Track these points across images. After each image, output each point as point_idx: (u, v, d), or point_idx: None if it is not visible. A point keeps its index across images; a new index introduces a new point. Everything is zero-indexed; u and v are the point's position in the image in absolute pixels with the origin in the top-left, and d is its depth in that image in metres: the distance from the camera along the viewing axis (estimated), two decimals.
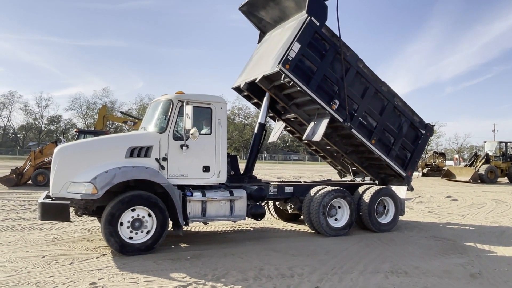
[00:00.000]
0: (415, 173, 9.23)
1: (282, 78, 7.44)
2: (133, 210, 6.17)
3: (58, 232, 7.72)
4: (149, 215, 6.26)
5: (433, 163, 34.47)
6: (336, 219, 8.08)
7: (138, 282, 4.96)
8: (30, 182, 16.83)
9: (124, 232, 6.11)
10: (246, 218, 7.28)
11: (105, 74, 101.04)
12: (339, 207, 8.12)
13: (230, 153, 7.76)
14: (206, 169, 6.91)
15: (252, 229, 8.67)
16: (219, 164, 7.00)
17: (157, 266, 5.64)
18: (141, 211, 6.22)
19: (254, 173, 8.30)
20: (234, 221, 7.55)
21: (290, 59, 7.24)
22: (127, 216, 6.13)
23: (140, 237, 6.21)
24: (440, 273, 5.62)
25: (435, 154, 36.98)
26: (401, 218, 9.17)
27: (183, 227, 6.61)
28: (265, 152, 73.87)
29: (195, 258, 6.07)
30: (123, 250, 6.06)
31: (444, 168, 31.99)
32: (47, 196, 6.39)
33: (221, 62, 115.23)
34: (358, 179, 9.93)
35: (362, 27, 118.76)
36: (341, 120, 7.83)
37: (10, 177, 16.45)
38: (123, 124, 28.41)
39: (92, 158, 6.27)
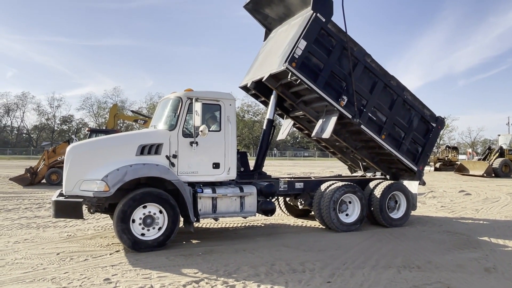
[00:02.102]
0: (426, 168, 9.12)
1: (289, 77, 7.38)
2: (145, 207, 6.24)
3: (72, 230, 7.85)
4: (160, 211, 6.32)
5: (446, 158, 34.06)
6: (347, 215, 8.04)
7: (151, 277, 5.02)
8: (44, 181, 17.12)
9: (136, 229, 6.18)
10: (257, 214, 7.30)
11: (115, 73, 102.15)
12: (349, 202, 8.09)
13: (240, 150, 7.77)
14: (216, 165, 6.94)
15: (263, 225, 8.69)
16: (228, 160, 7.02)
17: (169, 262, 5.70)
18: (153, 208, 6.29)
19: (264, 169, 8.31)
20: (245, 217, 7.56)
21: (297, 56, 7.17)
22: (138, 213, 6.20)
23: (152, 234, 6.28)
24: (454, 268, 5.56)
25: (447, 148, 36.51)
26: (413, 213, 9.09)
27: (194, 223, 6.65)
28: (275, 148, 73.80)
29: (207, 254, 6.11)
30: (136, 247, 6.13)
31: (457, 162, 31.57)
32: (60, 194, 6.48)
33: (230, 59, 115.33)
34: (369, 174, 9.86)
35: (371, 21, 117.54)
36: (350, 116, 7.76)
37: (24, 176, 16.76)
38: (134, 123, 28.60)
39: (103, 156, 6.34)
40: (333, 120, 7.75)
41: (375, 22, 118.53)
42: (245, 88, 9.07)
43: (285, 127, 10.12)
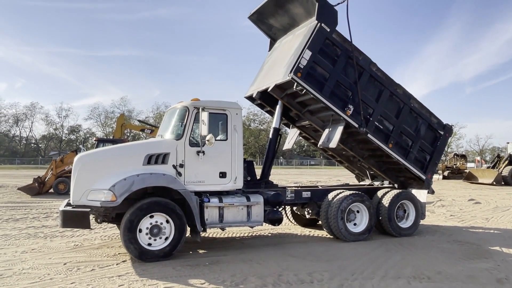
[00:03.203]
0: (434, 176, 9.02)
1: (294, 87, 7.37)
2: (151, 216, 6.22)
3: (79, 239, 7.86)
4: (167, 221, 6.30)
5: (454, 166, 33.73)
6: (355, 224, 7.96)
7: None
8: (51, 190, 17.22)
9: (143, 238, 6.17)
10: (264, 223, 7.25)
11: (122, 83, 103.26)
12: (357, 211, 8.01)
13: (246, 159, 7.75)
14: (223, 175, 6.93)
15: (270, 234, 8.63)
16: (235, 169, 7.01)
17: (176, 272, 5.66)
18: (159, 218, 6.27)
19: (271, 178, 8.27)
20: (252, 227, 7.51)
21: (302, 67, 7.18)
22: (145, 223, 6.19)
23: (159, 244, 6.25)
24: (465, 279, 5.45)
25: (455, 156, 36.16)
26: (422, 222, 8.97)
27: (200, 233, 6.62)
28: (281, 157, 73.71)
29: (214, 264, 6.07)
30: (142, 257, 6.11)
31: (465, 170, 31.24)
32: (68, 204, 6.50)
33: (236, 69, 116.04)
34: (377, 183, 9.78)
35: (376, 30, 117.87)
36: (356, 125, 7.73)
37: (32, 186, 16.87)
38: (141, 132, 28.82)
39: (111, 165, 6.37)
40: (340, 129, 7.73)
41: (381, 30, 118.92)
42: (250, 98, 9.09)
43: (291, 137, 10.10)
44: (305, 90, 7.31)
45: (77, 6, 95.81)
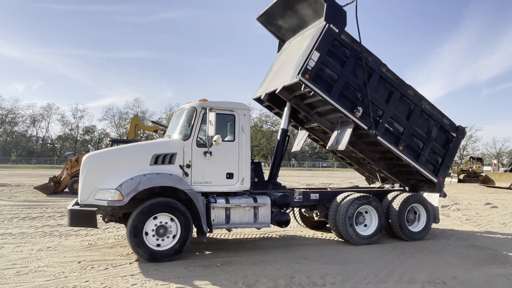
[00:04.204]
0: (447, 179, 8.83)
1: (302, 88, 7.29)
2: (155, 218, 6.21)
3: (93, 238, 7.95)
4: (172, 219, 6.30)
5: (470, 169, 33.13)
6: (365, 225, 7.85)
7: None
8: (67, 190, 17.50)
9: (151, 240, 6.18)
10: (271, 225, 7.20)
11: (136, 85, 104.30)
12: (366, 212, 7.88)
13: (254, 160, 7.72)
14: (230, 176, 6.90)
15: (281, 236, 8.59)
16: (242, 171, 6.97)
17: (188, 272, 5.68)
18: (163, 218, 6.27)
19: (283, 180, 8.23)
20: (258, 228, 7.43)
21: (310, 68, 7.10)
22: (150, 225, 6.19)
23: (167, 243, 6.26)
24: (481, 284, 5.33)
25: (471, 159, 35.54)
26: (437, 226, 8.82)
27: (207, 234, 6.61)
28: (293, 159, 73.47)
29: (226, 265, 6.07)
30: (153, 259, 6.12)
31: (481, 174, 30.67)
32: (76, 203, 6.55)
33: (250, 70, 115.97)
34: (387, 186, 9.63)
35: (390, 31, 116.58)
36: (365, 127, 7.61)
37: (48, 185, 17.17)
38: (154, 133, 28.99)
39: (118, 165, 6.38)
40: (349, 131, 7.60)
41: (393, 33, 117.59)
42: (259, 100, 9.02)
43: (300, 139, 9.99)
44: (313, 92, 7.24)
45: (92, 9, 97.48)
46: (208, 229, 6.57)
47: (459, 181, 32.05)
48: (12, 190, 18.61)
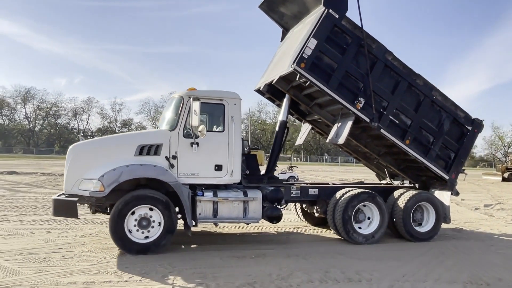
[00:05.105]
0: (461, 176, 8.20)
1: (297, 78, 6.91)
2: (133, 213, 6.05)
3: None
4: (151, 209, 6.12)
5: None
6: (367, 223, 7.41)
7: (206, 277, 5.10)
8: None
9: (138, 235, 6.05)
10: (262, 220, 6.94)
11: (171, 79, 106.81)
12: (367, 209, 7.43)
13: (249, 152, 7.43)
14: (219, 167, 6.65)
15: (314, 231, 8.53)
16: (232, 162, 6.70)
17: (223, 262, 5.77)
18: (141, 210, 6.09)
19: (315, 175, 8.12)
20: (248, 223, 7.14)
21: (306, 57, 6.70)
22: (131, 222, 6.04)
23: (155, 232, 6.11)
24: None
25: None
26: (478, 226, 8.40)
27: (191, 227, 6.36)
28: (326, 154, 72.55)
29: (260, 257, 6.10)
30: (147, 251, 6.02)
31: None
32: (63, 193, 6.40)
33: None
34: (396, 183, 9.03)
35: (435, 19, 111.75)
36: (367, 120, 7.14)
37: None
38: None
39: (103, 155, 6.27)
40: (349, 124, 7.18)
41: (437, 20, 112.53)
42: (259, 91, 8.69)
43: (303, 132, 9.66)
44: (309, 82, 6.88)
45: (129, 5, 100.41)
46: (194, 223, 6.38)
47: (503, 179, 30.46)
48: (56, 179, 19.61)
